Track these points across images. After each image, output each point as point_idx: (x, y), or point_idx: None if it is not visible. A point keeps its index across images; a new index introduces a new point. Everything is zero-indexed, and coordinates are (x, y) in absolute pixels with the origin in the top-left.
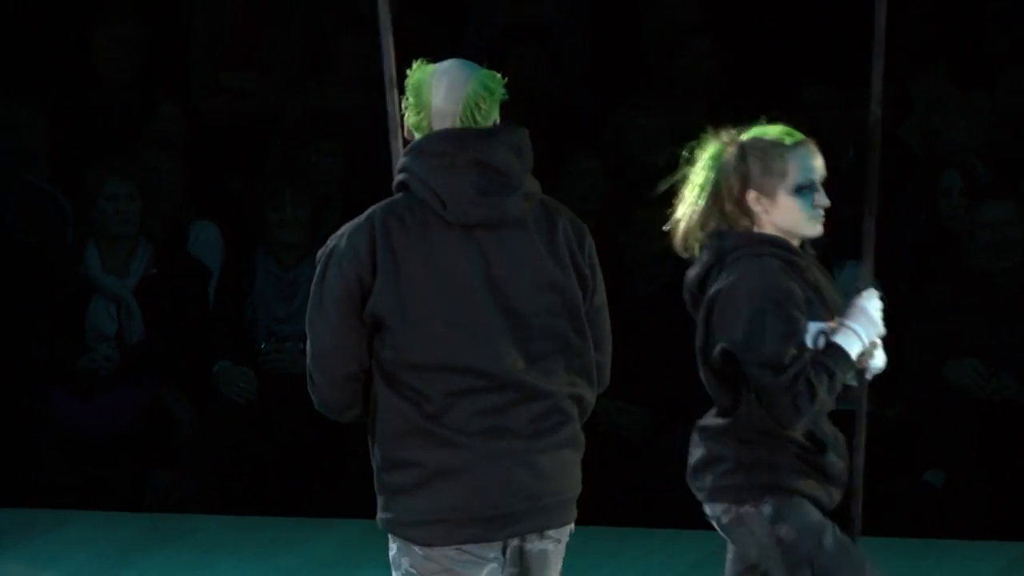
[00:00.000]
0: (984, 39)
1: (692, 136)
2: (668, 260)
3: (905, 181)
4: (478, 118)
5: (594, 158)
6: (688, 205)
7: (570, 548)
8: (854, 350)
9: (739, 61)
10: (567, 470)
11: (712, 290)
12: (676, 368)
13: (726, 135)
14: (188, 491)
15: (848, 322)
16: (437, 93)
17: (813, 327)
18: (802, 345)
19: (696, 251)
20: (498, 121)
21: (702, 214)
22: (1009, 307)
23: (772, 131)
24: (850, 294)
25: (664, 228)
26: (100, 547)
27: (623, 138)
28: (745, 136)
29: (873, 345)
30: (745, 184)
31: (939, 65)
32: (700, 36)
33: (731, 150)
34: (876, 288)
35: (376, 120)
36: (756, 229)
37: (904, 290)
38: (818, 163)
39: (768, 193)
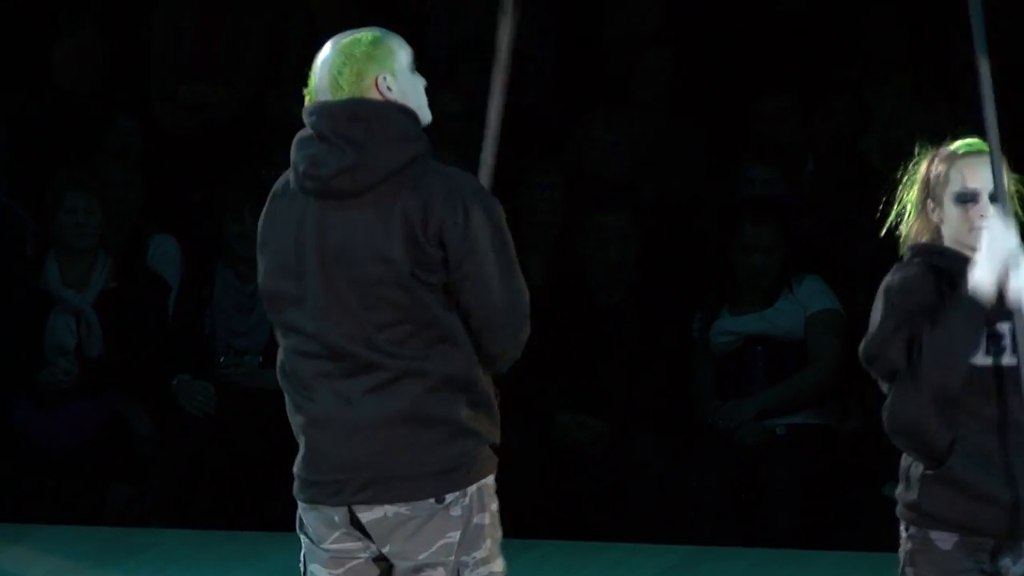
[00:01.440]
0: (946, 51)
1: (652, 146)
2: (628, 271)
3: (864, 193)
4: (342, 86)
5: (555, 170)
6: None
7: (530, 563)
8: (981, 281)
9: (699, 72)
10: (389, 447)
11: None
12: (636, 380)
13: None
14: (148, 505)
15: (977, 255)
16: (315, 72)
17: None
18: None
19: None
20: (381, 78)
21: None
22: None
23: (953, 144)
24: (809, 307)
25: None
26: (60, 561)
27: (584, 149)
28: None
29: (1009, 274)
30: (923, 194)
31: (901, 77)
32: (659, 47)
33: (924, 166)
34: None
35: None
36: (931, 238)
37: (864, 303)
38: (982, 174)
39: (938, 202)
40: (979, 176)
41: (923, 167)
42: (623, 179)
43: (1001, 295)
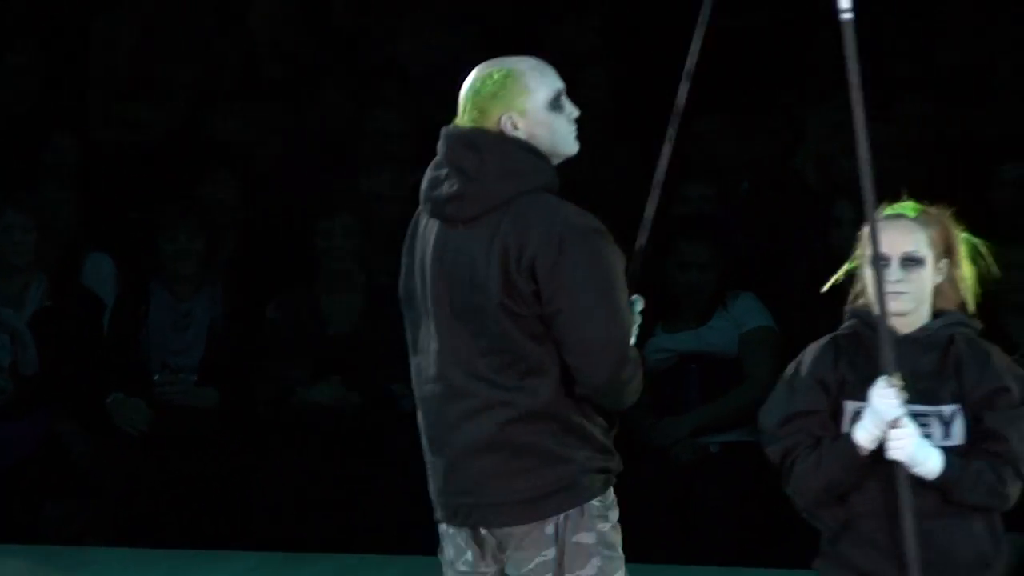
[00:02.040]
0: (881, 68)
1: (589, 164)
2: None
3: (798, 211)
4: (465, 117)
5: None
6: None
7: None
8: (861, 438)
9: (634, 91)
10: (496, 473)
11: None
12: None
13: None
14: (83, 522)
15: (863, 412)
16: (461, 94)
17: (850, 406)
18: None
19: None
20: (506, 118)
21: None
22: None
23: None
24: (743, 324)
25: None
26: None
27: None
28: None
29: (889, 435)
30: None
31: (835, 95)
32: (595, 66)
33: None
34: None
35: (272, 150)
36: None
37: (799, 320)
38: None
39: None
40: (892, 241)
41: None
42: (560, 196)
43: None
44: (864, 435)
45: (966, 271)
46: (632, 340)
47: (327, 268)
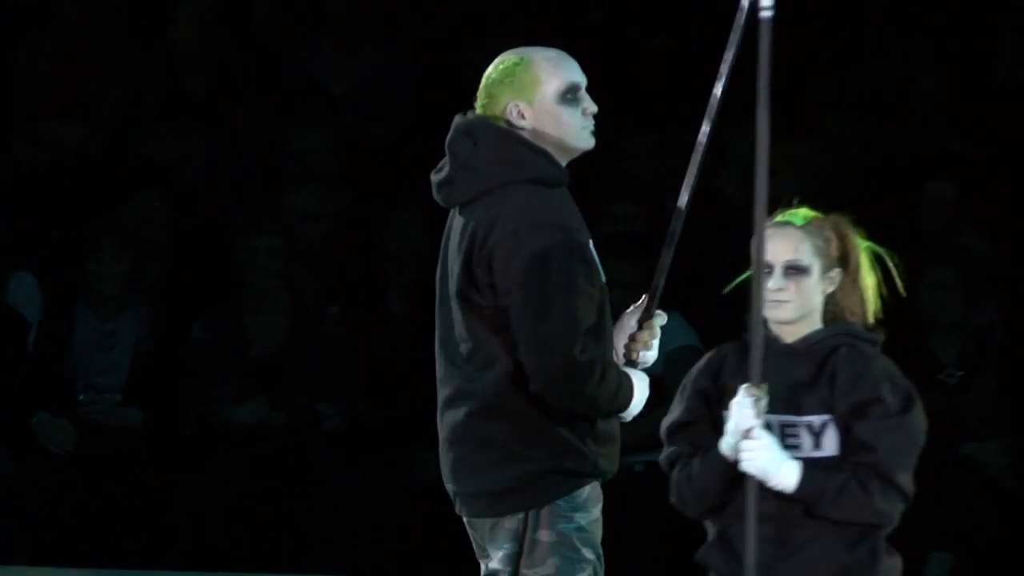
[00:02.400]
0: (804, 88)
1: None
2: None
3: (723, 230)
4: (477, 103)
5: (417, 207)
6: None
7: None
8: (724, 450)
9: None
10: (463, 465)
11: None
12: None
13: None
14: (8, 542)
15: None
16: None
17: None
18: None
19: None
20: (512, 106)
21: None
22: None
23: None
24: (668, 343)
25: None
26: None
27: None
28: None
29: (743, 443)
30: None
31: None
32: None
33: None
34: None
35: (196, 169)
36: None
37: (723, 339)
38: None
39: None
40: (776, 248)
41: None
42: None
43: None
44: (726, 446)
45: (866, 281)
46: (651, 361)
47: (252, 287)
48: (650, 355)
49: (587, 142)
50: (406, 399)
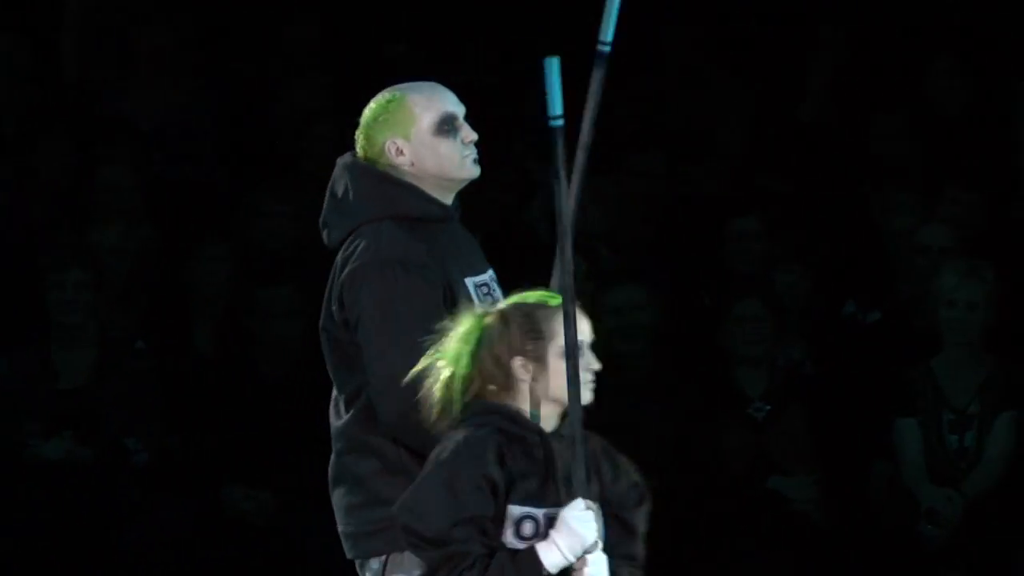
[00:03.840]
0: (610, 124)
1: (316, 219)
2: (295, 344)
3: (531, 265)
4: (357, 146)
5: (223, 242)
6: (447, 385)
7: None
8: (549, 563)
9: None
10: (339, 506)
11: None
12: (304, 452)
13: (480, 310)
14: None
15: (552, 531)
16: None
17: (516, 510)
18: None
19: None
20: (391, 143)
21: (459, 393)
22: (638, 390)
23: (531, 296)
24: None
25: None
26: None
27: (253, 222)
28: (504, 304)
29: (583, 561)
30: (512, 351)
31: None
32: (326, 120)
33: (491, 319)
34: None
35: (3, 206)
36: (512, 400)
37: None
38: (586, 325)
39: (536, 358)
40: (583, 328)
41: (488, 325)
42: (291, 252)
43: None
44: (555, 558)
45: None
46: None
47: (59, 322)
48: None
49: (470, 171)
50: (214, 435)
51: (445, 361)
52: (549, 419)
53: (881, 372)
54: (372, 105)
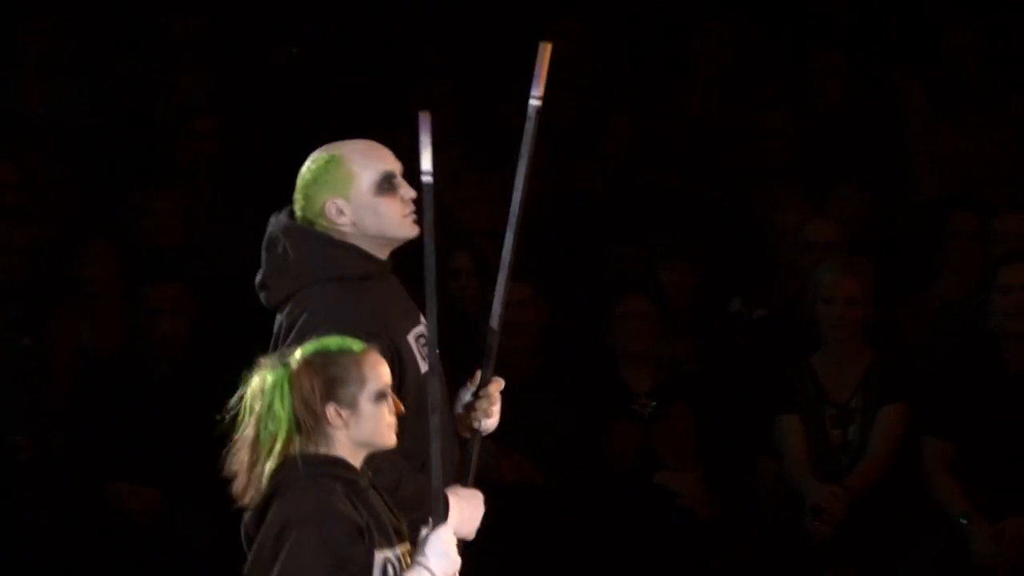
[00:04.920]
0: (498, 120)
1: (202, 215)
2: (182, 341)
3: (417, 264)
4: (296, 208)
5: (107, 240)
6: (256, 448)
7: None
8: None
9: (246, 141)
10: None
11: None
12: (189, 450)
13: (274, 361)
14: None
15: (420, 558)
16: None
17: (379, 555)
18: None
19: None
20: (331, 204)
21: (272, 452)
22: (524, 387)
23: (332, 343)
24: None
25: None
26: None
27: (137, 219)
28: (305, 352)
29: None
30: (324, 399)
31: (451, 145)
32: (206, 117)
33: (297, 369)
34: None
35: None
36: (325, 450)
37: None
38: (387, 369)
39: (349, 404)
40: (385, 371)
41: (294, 376)
42: (176, 250)
43: None
44: None
45: None
46: (491, 428)
47: None
48: (490, 422)
49: (409, 230)
50: (100, 432)
51: (257, 422)
52: (358, 464)
53: (766, 368)
54: (311, 165)
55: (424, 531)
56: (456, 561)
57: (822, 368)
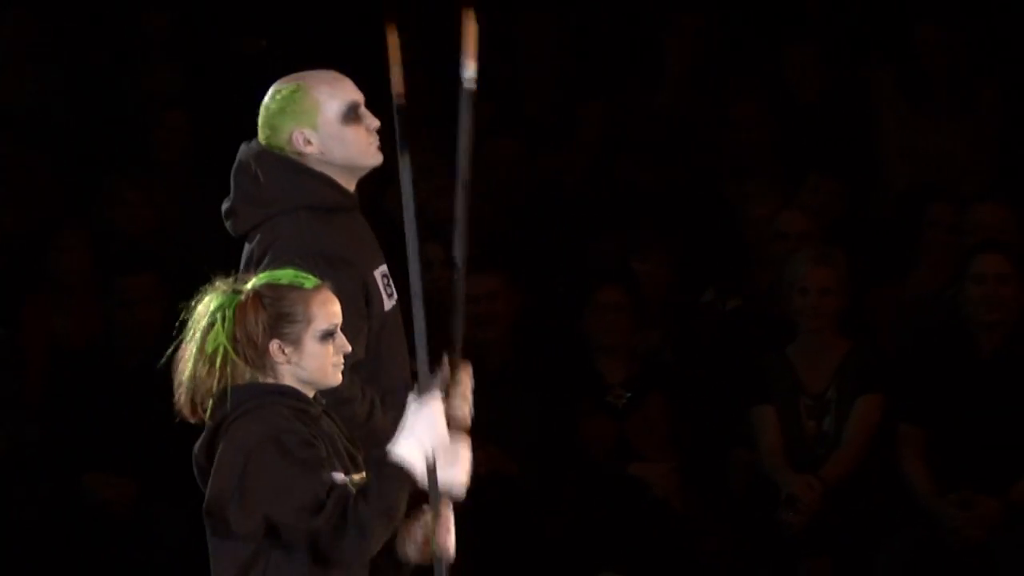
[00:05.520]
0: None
1: (175, 206)
2: (155, 331)
3: (391, 252)
4: (260, 135)
5: (81, 230)
6: (196, 364)
7: None
8: (417, 460)
9: (217, 133)
10: None
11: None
12: (164, 441)
13: (228, 284)
14: None
15: (406, 428)
16: None
17: (337, 478)
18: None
19: (208, 415)
20: (298, 133)
21: (212, 372)
22: (496, 378)
23: (284, 276)
24: None
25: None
26: None
27: (109, 209)
28: (256, 283)
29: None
30: (268, 334)
31: (424, 137)
32: (178, 108)
33: (245, 299)
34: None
35: None
36: (273, 380)
37: None
38: (337, 308)
39: (293, 341)
40: (336, 311)
41: (241, 304)
42: (149, 240)
43: None
44: (411, 456)
45: None
46: (467, 416)
47: None
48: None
49: (375, 158)
50: (74, 422)
51: (198, 340)
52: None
53: (740, 359)
54: (275, 95)
55: (411, 399)
56: (444, 436)
57: (797, 359)
